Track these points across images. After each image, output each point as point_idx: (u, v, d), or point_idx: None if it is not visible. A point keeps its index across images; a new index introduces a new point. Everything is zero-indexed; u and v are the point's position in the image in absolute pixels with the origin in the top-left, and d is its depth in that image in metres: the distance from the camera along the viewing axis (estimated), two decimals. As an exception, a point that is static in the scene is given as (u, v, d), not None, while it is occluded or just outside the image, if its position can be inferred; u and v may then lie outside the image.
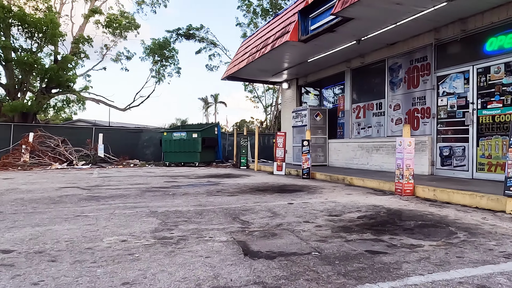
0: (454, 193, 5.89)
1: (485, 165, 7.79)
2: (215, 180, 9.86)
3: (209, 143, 16.91)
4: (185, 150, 16.77)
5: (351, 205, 5.79)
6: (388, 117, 10.77)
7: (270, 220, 4.67)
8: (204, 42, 25.18)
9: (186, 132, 16.77)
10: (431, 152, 9.08)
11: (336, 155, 12.94)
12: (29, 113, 19.91)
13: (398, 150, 6.76)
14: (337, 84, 13.54)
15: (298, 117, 13.81)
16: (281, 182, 9.30)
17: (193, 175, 11.84)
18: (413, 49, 9.83)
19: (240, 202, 6.05)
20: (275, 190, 7.70)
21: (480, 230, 4.08)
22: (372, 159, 11.10)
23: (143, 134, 21.19)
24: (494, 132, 7.60)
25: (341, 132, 13.09)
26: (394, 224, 4.42)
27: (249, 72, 15.04)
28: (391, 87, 10.69)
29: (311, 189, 7.81)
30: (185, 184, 8.97)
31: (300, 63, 13.08)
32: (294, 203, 6.00)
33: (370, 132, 11.58)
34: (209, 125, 18.06)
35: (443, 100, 8.85)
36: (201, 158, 16.72)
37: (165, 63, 27.86)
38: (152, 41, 26.20)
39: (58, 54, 20.98)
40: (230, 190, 7.67)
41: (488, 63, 7.76)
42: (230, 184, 8.95)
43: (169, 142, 17.11)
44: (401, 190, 6.65)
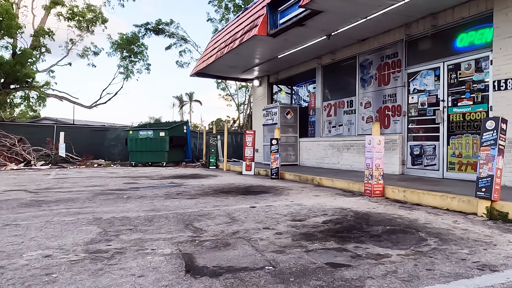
0: (424, 194, 5.63)
1: (455, 164, 7.62)
2: (179, 181, 9.33)
3: (177, 142, 16.30)
4: (152, 150, 16.09)
5: (317, 208, 5.42)
6: (359, 115, 10.54)
7: (226, 226, 4.23)
8: (174, 37, 24.46)
9: (153, 131, 16.08)
10: (402, 151, 8.89)
11: (307, 154, 12.64)
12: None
13: (367, 149, 6.46)
14: (308, 81, 13.25)
15: (269, 115, 13.43)
16: (248, 183, 8.87)
17: (157, 175, 11.25)
18: (384, 45, 9.62)
19: (199, 206, 5.57)
20: (239, 192, 7.27)
21: (451, 236, 3.78)
22: (343, 158, 10.85)
23: (109, 132, 20.30)
24: (465, 131, 7.43)
25: (312, 130, 12.80)
26: (361, 230, 4.06)
27: (218, 68, 14.54)
28: (362, 85, 10.46)
29: (278, 191, 7.42)
30: (145, 185, 8.41)
31: (271, 59, 12.70)
32: (257, 206, 5.58)
33: (341, 131, 11.33)
34: (178, 123, 17.44)
35: (414, 98, 8.66)
36: (169, 158, 16.09)
37: (134, 59, 26.96)
38: (120, 36, 25.26)
39: (16, 47, 19.81)
40: (191, 193, 7.18)
41: (459, 60, 7.60)
42: (193, 185, 8.45)
43: (135, 141, 16.37)
44: (370, 191, 6.35)
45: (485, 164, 4.63)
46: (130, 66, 26.14)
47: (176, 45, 24.84)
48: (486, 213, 4.59)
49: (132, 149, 16.45)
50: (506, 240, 3.66)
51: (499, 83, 6.67)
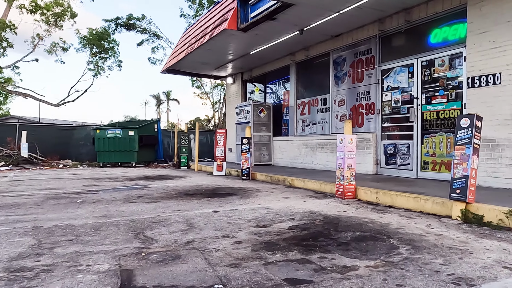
0: (397, 196, 5.37)
1: (429, 163, 7.44)
2: (144, 183, 8.82)
3: (147, 141, 15.70)
4: (120, 149, 15.43)
5: (285, 211, 5.07)
6: (332, 113, 10.29)
7: (181, 235, 3.82)
8: (146, 33, 23.69)
9: (122, 130, 15.42)
10: (376, 150, 8.67)
11: (281, 154, 12.32)
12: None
13: (339, 149, 6.16)
14: (282, 79, 12.93)
15: (242, 113, 13.04)
16: (217, 184, 8.45)
17: (123, 177, 10.68)
18: (357, 41, 9.38)
19: (157, 211, 5.13)
20: (206, 194, 6.85)
21: (424, 243, 3.49)
22: (316, 157, 10.57)
23: (77, 131, 19.44)
24: (439, 129, 7.26)
25: (286, 129, 12.49)
26: (329, 237, 3.73)
27: (189, 64, 14.03)
28: (335, 82, 10.21)
29: (247, 192, 7.04)
30: (105, 188, 7.87)
31: (243, 55, 12.31)
32: (221, 210, 5.18)
33: (315, 129, 11.06)
34: (148, 121, 16.81)
35: (388, 95, 8.45)
36: (138, 158, 15.47)
37: (104, 55, 26.01)
38: (89, 31, 24.28)
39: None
40: (153, 196, 6.71)
41: (432, 56, 7.42)
42: (158, 187, 7.97)
43: (102, 140, 15.66)
44: (342, 192, 6.06)
45: (459, 164, 4.39)
46: (101, 63, 25.20)
47: (148, 41, 24.11)
48: (460, 216, 4.34)
49: (100, 149, 15.74)
50: (482, 247, 3.39)
51: (473, 80, 6.50)
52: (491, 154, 6.15)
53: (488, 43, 6.27)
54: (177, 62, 13.58)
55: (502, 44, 6.08)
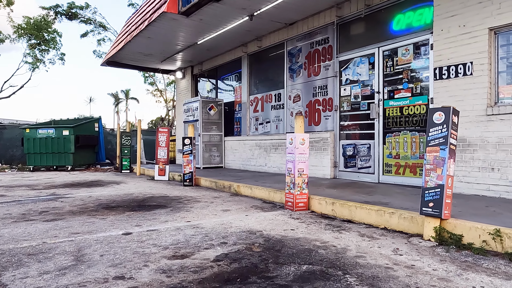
0: (357, 208, 4.44)
1: (392, 166, 6.65)
2: (64, 192, 7.45)
3: (86, 142, 14.11)
4: (54, 151, 13.75)
5: (217, 232, 4.00)
6: (287, 110, 9.35)
7: (53, 278, 2.65)
8: (91, 24, 21.82)
9: (55, 129, 13.75)
10: (334, 151, 7.80)
11: (233, 155, 11.26)
12: None
13: (289, 150, 5.17)
14: (234, 73, 11.87)
15: (190, 110, 11.85)
16: (151, 193, 7.24)
17: (46, 184, 9.19)
18: (313, 29, 8.49)
19: (48, 235, 3.90)
20: (130, 207, 5.64)
21: (393, 283, 2.53)
22: (270, 159, 9.60)
23: (7, 131, 17.39)
24: (403, 127, 6.47)
25: (238, 128, 11.44)
26: (264, 275, 2.69)
27: (131, 56, 12.65)
28: (290, 75, 9.28)
29: (181, 204, 5.90)
30: (9, 200, 6.45)
31: (190, 45, 11.12)
32: (135, 232, 4.03)
33: (268, 128, 10.08)
34: (87, 119, 15.19)
35: (347, 90, 7.61)
36: (75, 161, 13.85)
37: (45, 47, 23.77)
38: (26, 19, 22.02)
39: None
40: (62, 210, 5.43)
41: (395, 44, 6.63)
42: (77, 198, 6.65)
43: (33, 141, 13.90)
44: (292, 203, 5.07)
45: (432, 170, 3.50)
46: (40, 55, 22.98)
47: (93, 32, 22.22)
48: (434, 236, 3.46)
49: (30, 151, 13.97)
50: (469, 286, 2.48)
51: (441, 71, 5.73)
52: (462, 156, 5.39)
53: (457, 28, 5.52)
54: (116, 53, 12.17)
55: (473, 29, 5.34)
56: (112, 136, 19.23)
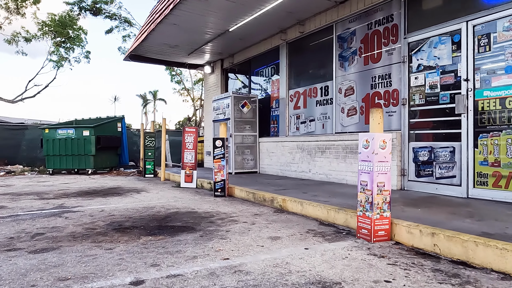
0: (478, 244, 2.96)
1: (489, 177, 5.08)
2: (74, 203, 6.30)
3: (108, 143, 13.11)
4: (73, 153, 12.83)
5: (272, 284, 2.63)
6: (337, 106, 7.89)
7: None
8: (116, 19, 21.06)
9: (75, 129, 12.82)
10: (401, 156, 6.29)
11: (269, 159, 9.89)
12: None
13: (362, 157, 3.75)
14: (270, 65, 10.50)
15: (220, 108, 10.58)
16: (176, 206, 5.97)
17: (58, 191, 8.14)
18: (372, 6, 7.01)
19: (20, 284, 2.65)
20: (149, 228, 4.38)
21: None
22: (315, 164, 8.17)
23: (29, 132, 16.75)
24: (505, 125, 4.90)
25: (275, 128, 10.07)
26: None
27: (155, 48, 11.53)
28: (341, 64, 7.82)
29: (214, 224, 4.57)
30: (5, 215, 5.33)
31: (221, 33, 9.85)
32: (149, 280, 2.71)
33: (312, 128, 8.65)
34: (109, 119, 14.22)
35: (419, 78, 6.08)
36: (96, 164, 12.87)
37: (70, 45, 23.25)
38: (50, 16, 21.52)
39: None
40: (63, 232, 4.23)
41: (493, 16, 5.07)
42: (86, 212, 5.46)
43: (52, 142, 13.04)
44: (370, 232, 3.64)
45: None
46: (64, 53, 22.45)
47: (118, 28, 21.47)
48: None
49: (49, 153, 13.11)
50: None
51: None
52: None
53: None
54: (140, 44, 11.08)
55: None
56: (137, 137, 18.29)
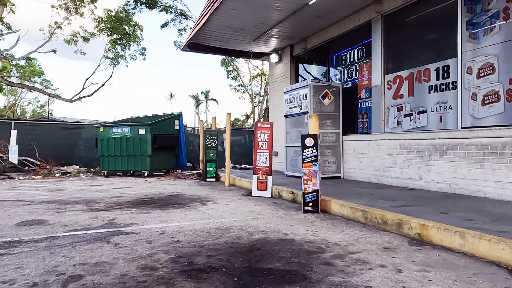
0: None
1: None
2: (128, 219, 4.95)
3: (165, 142, 11.96)
4: (129, 154, 11.81)
5: None
6: (464, 91, 5.92)
7: None
8: (172, 12, 20.19)
9: (130, 127, 11.80)
10: None
11: (357, 161, 8.08)
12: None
13: None
14: (356, 46, 8.68)
15: (294, 100, 8.94)
16: (260, 227, 4.39)
17: (112, 198, 6.94)
18: None
19: None
20: (235, 274, 2.85)
21: None
22: (430, 170, 6.26)
23: (85, 131, 16.18)
24: None
25: (366, 123, 8.23)
26: None
27: (218, 33, 10.14)
28: (471, 35, 5.85)
29: (335, 270, 2.90)
30: (40, 237, 4.06)
31: (298, 9, 8.20)
32: None
33: (423, 122, 6.73)
34: (165, 116, 13.09)
35: None
36: (152, 165, 11.76)
37: (126, 42, 22.82)
38: (107, 12, 21.13)
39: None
40: (109, 275, 2.82)
41: None
42: (142, 235, 4.05)
43: (106, 141, 12.15)
44: None
45: None
46: (120, 50, 22.03)
47: (174, 22, 20.60)
48: None
49: (104, 153, 12.23)
50: None
51: None
52: None
53: None
54: (200, 30, 9.73)
55: None
56: (193, 136, 17.21)
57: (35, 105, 46.09)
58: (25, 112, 44.89)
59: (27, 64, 30.69)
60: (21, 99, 44.48)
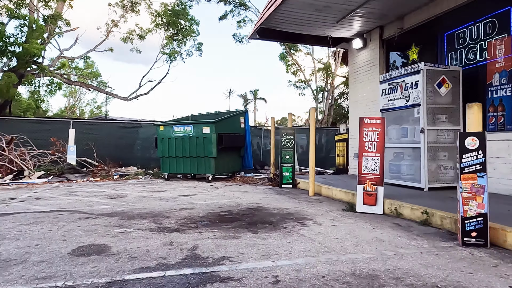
0: None
1: None
2: (217, 246, 3.65)
3: (230, 142, 10.70)
4: (191, 155, 10.69)
5: None
6: None
7: None
8: (230, 3, 19.04)
9: (193, 126, 10.67)
10: None
11: (490, 168, 6.25)
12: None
13: None
14: (483, 19, 6.83)
15: (397, 90, 7.26)
16: (424, 278, 2.85)
17: (181, 210, 5.73)
18: None
19: None
20: None
21: None
22: None
23: (143, 130, 15.46)
24: None
25: (502, 117, 6.39)
26: None
27: (294, 16, 8.69)
28: None
29: None
30: (104, 280, 2.80)
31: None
32: None
33: None
34: (230, 113, 11.84)
35: None
36: (217, 168, 10.54)
37: (182, 37, 22.07)
38: (163, 7, 20.44)
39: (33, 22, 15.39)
40: None
41: None
42: (251, 285, 2.67)
43: (167, 141, 11.12)
44: None
45: None
46: (177, 46, 21.29)
47: (233, 13, 19.45)
48: None
49: (164, 154, 11.21)
50: None
51: None
52: None
53: None
54: (275, 11, 8.32)
55: None
56: (253, 135, 15.89)
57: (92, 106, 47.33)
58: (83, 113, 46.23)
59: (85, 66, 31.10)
60: (80, 100, 45.89)
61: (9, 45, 13.08)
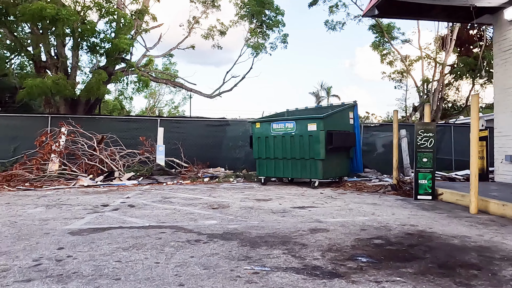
0: None
1: None
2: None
3: (340, 141, 9.05)
4: (294, 157, 9.23)
5: None
6: None
7: None
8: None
9: (295, 122, 9.20)
10: None
11: None
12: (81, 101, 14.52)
13: None
14: None
15: None
16: None
17: (314, 231, 4.30)
18: None
19: None
20: None
21: None
22: None
23: (230, 128, 14.45)
24: None
25: None
26: None
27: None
28: None
29: None
30: None
31: None
32: None
33: None
34: (339, 107, 10.15)
35: None
36: (324, 172, 8.94)
37: (267, 30, 20.89)
38: (248, -3, 19.35)
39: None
40: None
41: None
42: None
43: (264, 140, 9.78)
44: None
45: None
46: (261, 38, 20.15)
47: (324, -3, 17.69)
48: None
49: (261, 155, 9.89)
50: None
51: None
52: None
53: None
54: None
55: None
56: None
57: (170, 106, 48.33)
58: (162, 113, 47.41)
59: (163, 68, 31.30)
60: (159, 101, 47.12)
61: (100, 41, 12.75)
